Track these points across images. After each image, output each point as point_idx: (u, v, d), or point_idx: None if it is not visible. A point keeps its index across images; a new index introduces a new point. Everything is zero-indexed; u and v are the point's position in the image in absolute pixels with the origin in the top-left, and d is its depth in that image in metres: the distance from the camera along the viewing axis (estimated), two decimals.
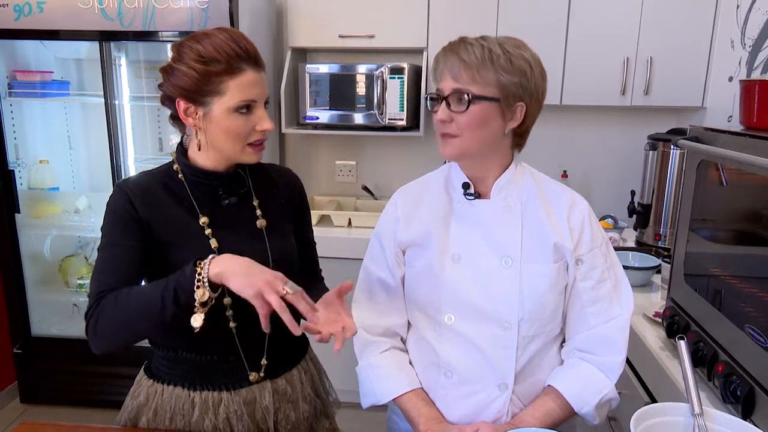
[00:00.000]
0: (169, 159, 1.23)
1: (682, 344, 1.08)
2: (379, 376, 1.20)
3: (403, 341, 1.26)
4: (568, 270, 1.14)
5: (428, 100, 1.12)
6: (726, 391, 1.19)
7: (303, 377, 1.30)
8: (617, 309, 1.15)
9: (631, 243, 2.51)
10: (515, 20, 2.52)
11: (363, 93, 2.62)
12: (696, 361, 1.31)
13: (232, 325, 1.17)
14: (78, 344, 2.76)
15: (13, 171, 2.64)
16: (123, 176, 2.60)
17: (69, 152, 3.00)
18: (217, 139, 1.13)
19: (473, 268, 1.14)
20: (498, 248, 1.13)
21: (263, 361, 1.22)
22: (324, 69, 2.64)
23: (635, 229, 2.54)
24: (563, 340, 1.21)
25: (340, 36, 2.64)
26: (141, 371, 1.28)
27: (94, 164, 3.01)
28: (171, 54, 1.13)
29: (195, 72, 1.07)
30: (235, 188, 1.22)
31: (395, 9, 2.59)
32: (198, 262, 1.01)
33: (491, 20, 2.53)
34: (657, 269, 2.01)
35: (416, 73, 2.67)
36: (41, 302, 2.86)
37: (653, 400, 1.49)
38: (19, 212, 2.69)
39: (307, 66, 2.65)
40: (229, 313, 1.16)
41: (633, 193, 2.53)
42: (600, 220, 2.20)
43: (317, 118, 2.69)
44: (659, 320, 1.60)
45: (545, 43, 2.44)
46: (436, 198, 1.21)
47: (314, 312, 1.02)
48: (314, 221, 2.47)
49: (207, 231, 1.16)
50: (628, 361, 1.64)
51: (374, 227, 1.28)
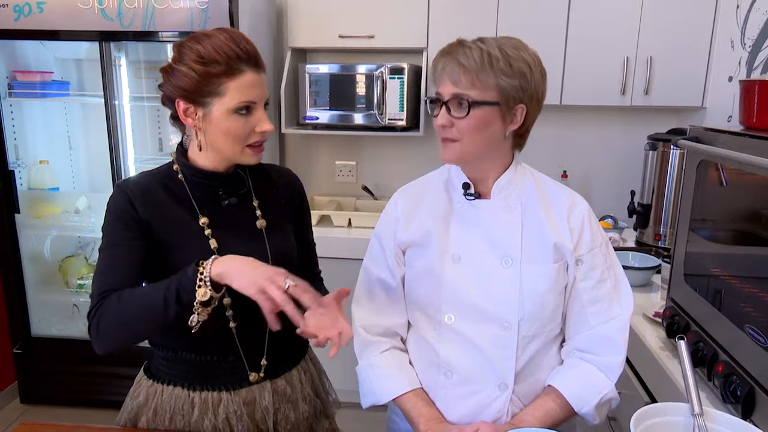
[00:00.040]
0: (169, 159, 1.23)
1: (682, 344, 1.08)
2: (379, 376, 1.20)
3: (403, 341, 1.26)
4: (568, 270, 1.14)
5: (428, 103, 1.12)
6: (726, 391, 1.19)
7: (303, 377, 1.30)
8: (617, 309, 1.15)
9: (631, 243, 2.51)
10: (515, 20, 2.52)
11: (363, 93, 2.62)
12: (696, 361, 1.31)
13: (232, 325, 1.17)
14: (78, 344, 2.77)
15: (13, 171, 2.64)
16: (123, 176, 2.60)
17: (69, 152, 3.00)
18: (217, 140, 1.13)
19: (473, 268, 1.14)
20: (498, 248, 1.13)
21: (263, 362, 1.22)
22: (324, 69, 2.64)
23: (635, 229, 2.54)
24: (563, 340, 1.21)
25: (340, 36, 2.64)
26: (141, 371, 1.28)
27: (94, 164, 3.02)
28: (171, 54, 1.13)
29: (195, 73, 1.07)
30: (235, 189, 1.22)
31: (395, 9, 2.59)
32: (200, 262, 1.02)
33: (491, 20, 2.53)
34: (657, 269, 2.01)
35: (416, 74, 2.67)
36: (41, 302, 2.86)
37: (653, 400, 1.49)
38: (19, 212, 2.69)
39: (307, 66, 2.65)
40: (229, 313, 1.16)
41: (633, 193, 2.53)
42: (600, 220, 2.20)
43: (317, 119, 2.69)
44: (659, 320, 1.60)
45: (545, 43, 2.44)
46: (436, 198, 1.21)
47: (318, 303, 1.02)
48: (314, 221, 2.48)
49: (207, 231, 1.16)
50: (628, 361, 1.64)
51: (374, 227, 1.28)
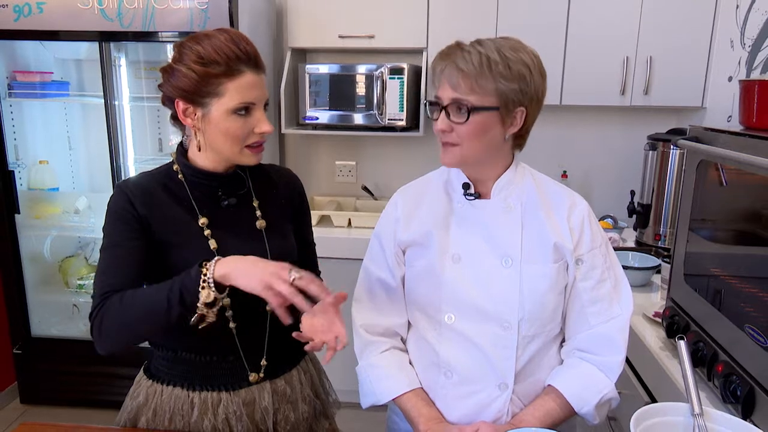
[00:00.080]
0: (169, 159, 1.23)
1: (682, 344, 1.08)
2: (379, 376, 1.20)
3: (403, 341, 1.26)
4: (568, 270, 1.14)
5: (428, 106, 1.12)
6: (726, 391, 1.19)
7: (302, 378, 1.30)
8: (617, 309, 1.15)
9: (631, 243, 2.51)
10: (515, 20, 2.52)
11: (363, 93, 2.62)
12: (696, 361, 1.31)
13: (232, 326, 1.17)
14: (78, 345, 2.77)
15: (13, 171, 2.64)
16: (123, 177, 2.60)
17: (69, 153, 3.00)
18: (216, 141, 1.13)
19: (473, 268, 1.14)
20: (498, 248, 1.13)
21: (263, 362, 1.22)
22: (324, 69, 2.64)
23: (635, 229, 2.54)
24: (563, 340, 1.21)
25: (340, 36, 2.64)
26: (140, 371, 1.28)
27: (94, 165, 3.02)
28: (171, 55, 1.13)
29: (194, 73, 1.07)
30: (235, 189, 1.22)
31: (395, 9, 2.59)
32: (204, 264, 1.02)
33: (491, 20, 2.53)
34: (657, 269, 2.01)
35: (416, 74, 2.67)
36: (41, 303, 2.86)
37: (653, 400, 1.49)
38: (19, 213, 2.69)
39: (307, 66, 2.65)
40: (229, 314, 1.16)
41: (633, 193, 2.53)
42: (600, 220, 2.21)
43: (317, 119, 2.69)
44: (659, 320, 1.60)
45: (545, 43, 2.44)
46: (436, 198, 1.21)
47: (326, 293, 1.02)
48: (314, 221, 2.47)
49: (206, 232, 1.16)
50: (628, 361, 1.64)
51: (374, 227, 1.28)
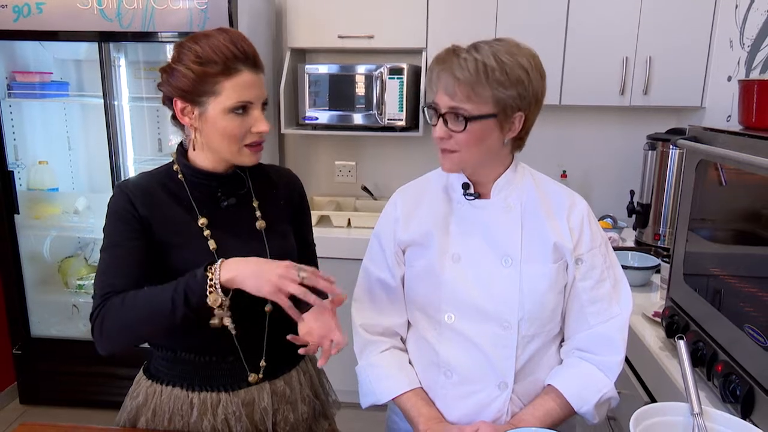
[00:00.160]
0: (169, 160, 1.23)
1: (682, 344, 1.08)
2: (379, 376, 1.20)
3: (403, 341, 1.26)
4: (568, 270, 1.14)
5: (426, 110, 1.12)
6: (725, 391, 1.19)
7: (302, 378, 1.30)
8: (616, 309, 1.15)
9: (631, 243, 2.51)
10: (514, 20, 2.52)
11: (362, 93, 2.62)
12: (695, 361, 1.31)
13: (231, 326, 1.17)
14: (77, 345, 2.76)
15: (13, 172, 2.64)
16: (122, 177, 2.60)
17: (68, 153, 3.00)
18: (213, 140, 1.13)
19: (473, 268, 1.14)
20: (498, 248, 1.13)
21: (262, 363, 1.22)
22: (323, 69, 2.64)
23: (634, 229, 2.54)
24: (562, 340, 1.21)
25: (340, 36, 2.64)
26: (140, 372, 1.28)
27: (94, 165, 3.01)
28: (171, 55, 1.13)
29: (192, 73, 1.07)
30: (235, 189, 1.22)
31: (394, 9, 2.59)
32: (209, 267, 1.02)
33: (490, 20, 2.53)
34: (656, 269, 2.01)
35: (415, 74, 2.67)
36: (41, 303, 2.86)
37: (653, 400, 1.49)
38: (19, 213, 2.69)
39: (307, 66, 2.65)
40: (228, 314, 1.16)
41: (632, 193, 2.53)
42: (599, 220, 2.21)
43: (316, 119, 2.69)
44: (658, 320, 1.60)
45: (544, 43, 2.44)
46: (436, 198, 1.21)
47: (332, 287, 1.04)
48: (314, 221, 2.47)
49: (206, 232, 1.16)
50: (628, 361, 1.65)
51: (374, 227, 1.28)
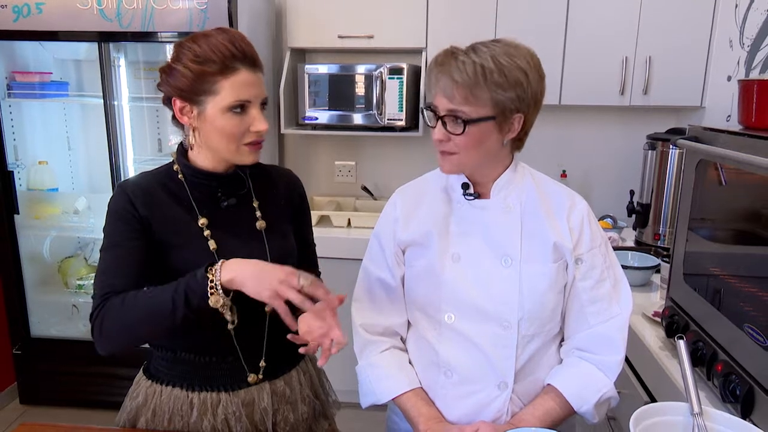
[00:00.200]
0: (169, 160, 1.23)
1: (682, 344, 1.08)
2: (379, 376, 1.20)
3: (403, 341, 1.26)
4: (568, 269, 1.14)
5: (424, 111, 1.11)
6: (725, 391, 1.19)
7: (302, 379, 1.30)
8: (616, 308, 1.15)
9: (631, 243, 2.51)
10: (514, 20, 2.52)
11: (362, 93, 2.62)
12: (695, 361, 1.31)
13: (231, 327, 1.17)
14: (77, 345, 2.76)
15: (13, 172, 2.64)
16: (122, 177, 2.60)
17: (68, 153, 3.00)
18: (212, 139, 1.13)
19: (473, 268, 1.14)
20: (497, 248, 1.13)
21: (261, 363, 1.22)
22: (323, 69, 2.64)
23: (634, 229, 2.54)
24: (562, 339, 1.21)
25: (339, 36, 2.64)
26: (140, 372, 1.28)
27: (94, 165, 3.01)
28: (170, 55, 1.13)
29: (190, 72, 1.08)
30: (235, 189, 1.22)
31: (394, 9, 2.59)
32: (209, 268, 1.02)
33: (490, 20, 2.53)
34: (656, 269, 2.01)
35: (415, 74, 2.67)
36: (41, 303, 2.86)
37: (653, 400, 1.49)
38: (19, 213, 2.69)
39: (306, 66, 2.65)
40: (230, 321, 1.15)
41: (632, 193, 2.53)
42: (599, 220, 2.21)
43: (316, 119, 2.69)
44: (658, 320, 1.60)
45: (544, 43, 2.44)
46: (436, 198, 1.21)
47: (331, 298, 1.03)
48: (314, 221, 2.47)
49: (206, 232, 1.16)
50: (628, 361, 1.65)
51: (373, 227, 1.28)
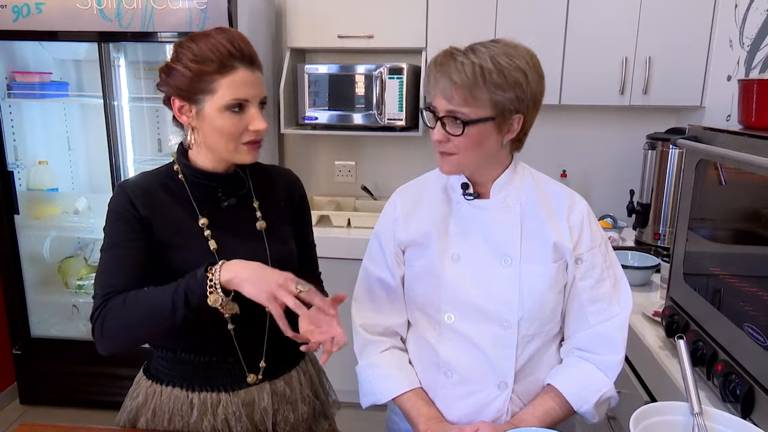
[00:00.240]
0: (169, 160, 1.23)
1: (682, 343, 1.08)
2: (379, 376, 1.20)
3: (403, 341, 1.26)
4: (568, 269, 1.14)
5: (424, 112, 1.11)
6: (725, 390, 1.19)
7: (302, 379, 1.30)
8: (616, 308, 1.15)
9: (631, 242, 2.51)
10: (514, 20, 2.52)
11: (362, 93, 2.61)
12: (695, 361, 1.31)
13: (230, 327, 1.17)
14: (77, 345, 2.76)
15: (12, 172, 2.64)
16: (122, 177, 2.60)
17: (68, 153, 3.00)
18: (210, 138, 1.12)
19: (473, 268, 1.14)
20: (497, 248, 1.13)
21: (261, 363, 1.22)
22: (323, 69, 2.64)
23: (634, 229, 2.54)
24: (562, 339, 1.21)
25: (339, 36, 2.64)
26: (140, 372, 1.28)
27: (93, 165, 3.01)
28: (170, 55, 1.13)
29: (189, 71, 1.08)
30: (235, 189, 1.22)
31: (394, 9, 2.59)
32: (209, 268, 1.02)
33: (490, 20, 2.53)
34: (656, 268, 2.01)
35: (415, 74, 2.67)
36: (41, 303, 2.85)
37: (653, 400, 1.49)
38: (19, 213, 2.68)
39: (306, 66, 2.65)
40: (228, 315, 1.15)
41: (632, 193, 2.53)
42: (599, 220, 2.21)
43: (316, 119, 2.69)
44: (658, 319, 1.60)
45: (544, 43, 2.44)
46: (435, 198, 1.21)
47: (328, 306, 1.03)
48: (314, 221, 2.47)
49: (206, 232, 1.16)
50: (628, 361, 1.65)
51: (373, 227, 1.28)
